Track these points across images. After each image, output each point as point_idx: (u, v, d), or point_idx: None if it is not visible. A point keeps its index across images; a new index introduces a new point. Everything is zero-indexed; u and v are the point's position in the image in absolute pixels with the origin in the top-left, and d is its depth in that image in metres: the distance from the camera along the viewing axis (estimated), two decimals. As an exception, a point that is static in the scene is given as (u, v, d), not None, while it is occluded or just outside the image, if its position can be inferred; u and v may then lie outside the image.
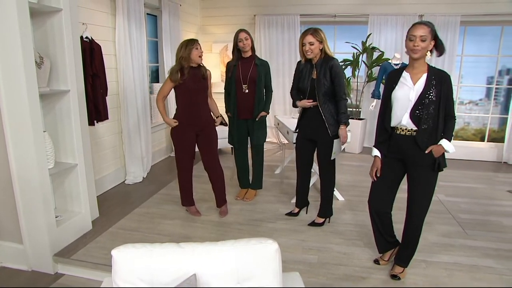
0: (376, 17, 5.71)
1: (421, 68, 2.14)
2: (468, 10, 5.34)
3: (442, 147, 2.13)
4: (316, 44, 2.81)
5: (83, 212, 2.95)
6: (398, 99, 2.18)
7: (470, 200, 3.89)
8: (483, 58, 5.83)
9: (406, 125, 2.18)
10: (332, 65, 2.82)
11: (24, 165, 2.43)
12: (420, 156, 2.16)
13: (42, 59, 2.54)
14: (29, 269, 2.59)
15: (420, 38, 2.04)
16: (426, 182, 2.21)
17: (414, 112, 2.14)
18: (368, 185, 4.16)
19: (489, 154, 5.65)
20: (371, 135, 6.10)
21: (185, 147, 3.17)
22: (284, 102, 6.33)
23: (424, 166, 2.18)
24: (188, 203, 3.38)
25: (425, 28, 2.05)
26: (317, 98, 2.89)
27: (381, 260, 2.59)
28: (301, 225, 3.19)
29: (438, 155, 2.14)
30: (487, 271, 2.52)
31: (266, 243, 1.35)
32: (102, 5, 3.78)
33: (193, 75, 3.06)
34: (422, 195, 2.24)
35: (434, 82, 2.09)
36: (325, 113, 2.89)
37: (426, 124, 2.12)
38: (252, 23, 6.09)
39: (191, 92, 3.07)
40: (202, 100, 3.16)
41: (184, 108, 3.12)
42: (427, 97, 2.09)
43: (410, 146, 2.19)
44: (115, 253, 1.31)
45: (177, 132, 3.16)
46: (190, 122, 3.12)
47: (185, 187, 3.33)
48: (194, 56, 2.99)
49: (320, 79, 2.86)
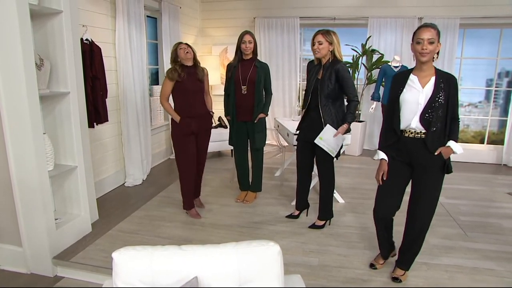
0: (375, 20, 5.72)
1: (429, 71, 2.13)
2: (467, 13, 5.36)
3: (450, 148, 2.13)
4: (324, 45, 2.82)
5: (83, 214, 2.94)
6: (407, 102, 2.16)
7: (470, 202, 3.89)
8: (482, 60, 5.84)
9: (415, 128, 2.16)
10: (338, 68, 2.82)
11: (24, 167, 2.42)
12: (429, 158, 2.15)
13: (42, 61, 2.54)
14: (28, 272, 2.58)
15: (428, 41, 2.03)
16: (434, 185, 2.20)
17: (424, 115, 2.12)
18: (368, 187, 4.23)
19: (489, 157, 5.65)
20: (371, 137, 6.11)
21: (188, 150, 3.20)
22: (284, 105, 6.33)
23: (433, 169, 2.17)
24: (190, 206, 3.39)
25: (432, 30, 2.04)
26: (319, 99, 2.90)
27: (377, 263, 2.57)
28: (301, 227, 3.18)
29: (447, 156, 2.14)
30: (488, 273, 2.52)
31: (267, 245, 1.34)
32: (102, 7, 3.79)
33: (189, 75, 3.14)
34: (429, 198, 2.23)
35: (443, 85, 2.09)
36: (324, 114, 2.89)
37: (435, 127, 2.11)
38: (252, 26, 6.09)
39: (188, 92, 3.15)
40: (199, 99, 3.24)
41: (182, 108, 3.17)
42: (437, 101, 2.08)
43: (419, 148, 2.17)
44: (116, 255, 1.30)
45: (178, 135, 3.19)
46: (188, 120, 3.15)
47: (189, 191, 3.33)
48: (181, 54, 3.13)
49: (324, 80, 2.86)
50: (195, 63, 3.22)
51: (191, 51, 3.18)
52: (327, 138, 2.86)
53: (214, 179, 4.49)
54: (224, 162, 5.21)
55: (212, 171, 4.78)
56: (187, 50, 3.14)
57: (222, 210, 3.55)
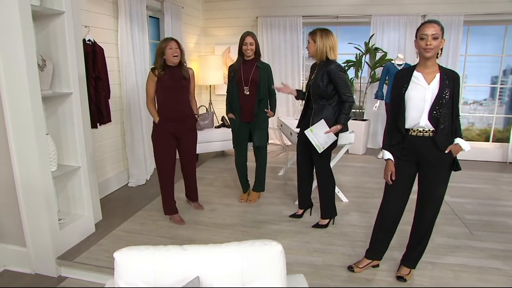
0: (378, 18, 5.69)
1: (434, 68, 2.11)
2: (471, 10, 5.31)
3: (459, 145, 2.12)
4: (311, 43, 2.90)
5: (86, 214, 2.95)
6: (412, 99, 2.12)
7: (475, 200, 3.85)
8: (487, 57, 5.78)
9: (424, 126, 2.12)
10: (330, 69, 2.83)
11: (27, 168, 2.42)
12: (439, 156, 2.13)
13: (45, 61, 2.54)
14: (32, 272, 2.59)
15: (432, 37, 2.00)
16: (441, 183, 2.19)
17: (432, 113, 2.09)
18: (372, 186, 4.21)
19: (494, 155, 5.60)
20: (374, 136, 6.08)
21: (165, 152, 3.11)
22: (287, 104, 6.31)
23: (442, 167, 2.15)
24: (171, 211, 3.27)
25: (436, 26, 2.01)
26: (312, 98, 2.95)
27: (355, 267, 2.51)
28: (305, 226, 3.17)
29: (456, 154, 2.12)
30: (495, 273, 2.49)
31: (270, 245, 1.33)
32: (104, 8, 3.79)
33: (171, 74, 3.02)
34: (436, 196, 2.21)
35: (447, 82, 2.07)
36: (314, 114, 2.92)
37: (443, 124, 2.08)
38: (254, 25, 6.08)
39: (167, 89, 3.02)
40: (181, 99, 3.10)
41: (162, 105, 3.08)
42: (444, 97, 2.06)
43: (427, 147, 2.14)
44: (118, 255, 1.30)
45: (157, 135, 3.12)
46: (168, 120, 3.07)
47: (167, 194, 3.24)
48: (169, 55, 2.95)
49: (316, 80, 2.89)
50: (180, 62, 3.05)
51: (179, 52, 2.99)
52: (317, 132, 2.89)
53: (217, 179, 4.49)
54: (227, 162, 5.20)
55: (216, 171, 4.78)
56: (175, 54, 2.95)
57: (225, 210, 3.54)
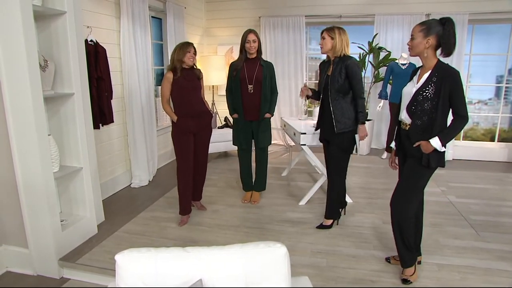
0: (382, 17, 5.65)
1: (428, 66, 2.18)
2: (476, 8, 5.27)
3: (430, 143, 2.11)
4: (327, 39, 2.87)
5: (89, 216, 2.93)
6: (404, 94, 2.28)
7: (481, 201, 3.80)
8: (492, 56, 5.73)
9: (405, 119, 2.24)
10: (348, 64, 2.84)
11: (29, 169, 2.41)
12: (411, 150, 2.21)
13: (47, 62, 2.53)
14: (34, 273, 2.57)
15: (411, 37, 2.14)
16: (411, 173, 2.24)
17: (411, 107, 2.18)
18: (376, 187, 4.19)
19: (500, 154, 5.54)
20: (378, 136, 6.03)
21: (186, 148, 3.15)
22: (290, 104, 6.29)
23: (414, 161, 2.22)
24: (187, 212, 3.28)
25: (418, 26, 2.12)
26: (329, 94, 2.92)
27: (392, 259, 2.57)
28: (309, 227, 3.14)
29: (427, 151, 2.13)
30: (502, 274, 2.45)
31: (274, 247, 1.30)
32: (106, 8, 3.78)
33: (186, 74, 3.12)
34: (402, 187, 2.29)
35: (435, 79, 2.09)
36: (334, 109, 2.91)
37: (419, 120, 2.15)
38: (257, 25, 6.06)
39: (183, 89, 3.10)
40: (196, 97, 3.19)
41: (180, 104, 3.14)
42: (421, 94, 2.13)
43: (406, 140, 2.25)
44: (119, 258, 1.28)
45: (177, 133, 3.16)
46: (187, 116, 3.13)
47: (186, 194, 3.24)
48: (187, 59, 3.09)
49: (334, 75, 2.88)
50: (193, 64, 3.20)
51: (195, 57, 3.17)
52: None
53: (220, 180, 4.47)
54: (230, 162, 5.18)
55: (218, 172, 4.76)
56: (192, 59, 3.12)
57: (228, 211, 3.52)
